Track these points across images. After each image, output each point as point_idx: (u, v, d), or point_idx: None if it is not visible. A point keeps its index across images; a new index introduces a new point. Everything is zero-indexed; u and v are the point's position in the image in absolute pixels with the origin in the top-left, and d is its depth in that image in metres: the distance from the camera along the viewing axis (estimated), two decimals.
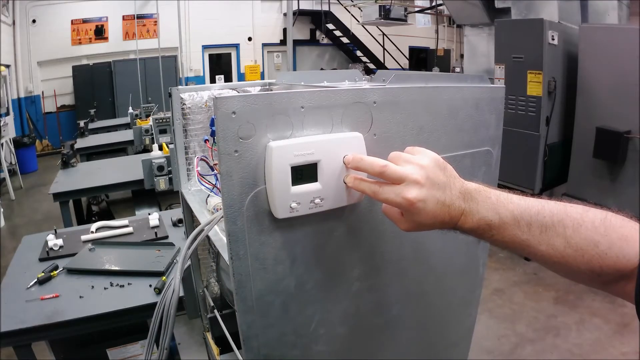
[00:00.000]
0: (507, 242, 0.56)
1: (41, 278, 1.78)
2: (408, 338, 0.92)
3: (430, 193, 0.57)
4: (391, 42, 11.47)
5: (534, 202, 0.57)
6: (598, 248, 0.50)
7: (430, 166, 0.58)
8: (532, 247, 0.54)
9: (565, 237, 0.52)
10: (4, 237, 4.51)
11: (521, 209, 0.56)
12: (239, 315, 0.67)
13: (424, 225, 0.58)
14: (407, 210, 0.58)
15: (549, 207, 0.55)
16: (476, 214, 0.57)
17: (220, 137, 0.58)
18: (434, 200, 0.57)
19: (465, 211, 0.58)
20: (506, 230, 0.55)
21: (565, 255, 0.52)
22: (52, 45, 8.68)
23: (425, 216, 0.57)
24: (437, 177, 0.58)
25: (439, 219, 0.58)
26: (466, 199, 0.58)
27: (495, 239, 0.57)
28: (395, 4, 8.38)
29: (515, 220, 0.55)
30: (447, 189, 0.58)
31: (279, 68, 11.10)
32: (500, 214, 0.56)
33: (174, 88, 1.09)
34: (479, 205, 0.58)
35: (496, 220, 0.56)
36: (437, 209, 0.57)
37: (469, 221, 0.57)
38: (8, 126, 6.54)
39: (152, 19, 9.37)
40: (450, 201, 0.58)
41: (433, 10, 9.74)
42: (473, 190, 0.59)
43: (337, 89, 0.67)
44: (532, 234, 0.54)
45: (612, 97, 3.14)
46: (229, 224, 0.62)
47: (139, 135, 4.53)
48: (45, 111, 9.04)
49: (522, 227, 0.55)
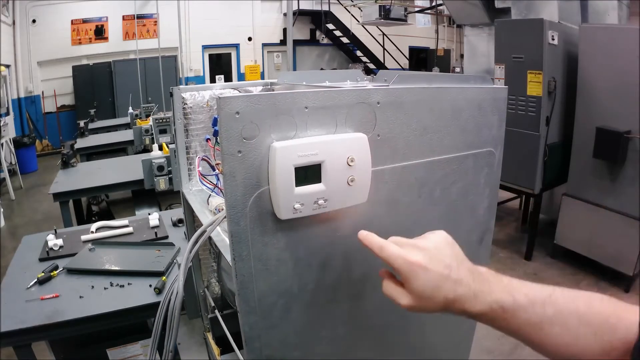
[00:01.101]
0: (520, 326, 0.53)
1: (41, 278, 1.78)
2: (410, 339, 0.92)
3: (434, 262, 0.55)
4: (391, 42, 11.47)
5: (544, 286, 0.55)
6: (608, 322, 0.50)
7: (437, 241, 0.58)
8: (545, 330, 0.52)
9: (579, 315, 0.51)
10: (4, 237, 4.51)
11: (535, 291, 0.54)
12: (241, 316, 0.67)
13: (426, 299, 0.56)
14: (406, 275, 0.56)
15: (559, 289, 0.54)
16: (488, 296, 0.54)
17: (224, 137, 0.58)
18: (437, 270, 0.55)
19: (476, 292, 0.55)
20: (520, 313, 0.53)
21: (578, 335, 0.51)
22: (52, 45, 8.67)
23: (426, 286, 0.55)
24: (443, 251, 0.57)
25: (442, 294, 0.55)
26: (476, 279, 0.56)
27: (508, 323, 0.54)
28: (395, 4, 8.38)
29: (531, 303, 0.53)
30: (454, 263, 0.56)
31: (279, 68, 11.09)
32: (515, 296, 0.54)
33: (176, 87, 1.09)
34: (492, 286, 0.55)
35: (510, 302, 0.53)
36: (441, 281, 0.55)
37: (480, 303, 0.54)
38: (8, 126, 6.53)
39: (152, 19, 9.36)
40: (457, 276, 0.56)
41: (433, 10, 9.75)
42: (484, 271, 0.57)
43: (341, 90, 0.66)
44: (546, 315, 0.52)
45: (612, 97, 3.13)
46: (232, 225, 0.61)
47: (139, 135, 4.52)
48: (45, 111, 9.03)
49: (536, 309, 0.53)
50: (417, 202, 0.79)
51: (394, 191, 0.75)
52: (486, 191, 0.92)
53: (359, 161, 0.65)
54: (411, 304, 0.57)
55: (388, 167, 0.73)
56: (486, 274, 0.57)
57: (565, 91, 3.50)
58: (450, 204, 0.85)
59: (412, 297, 0.57)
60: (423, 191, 0.79)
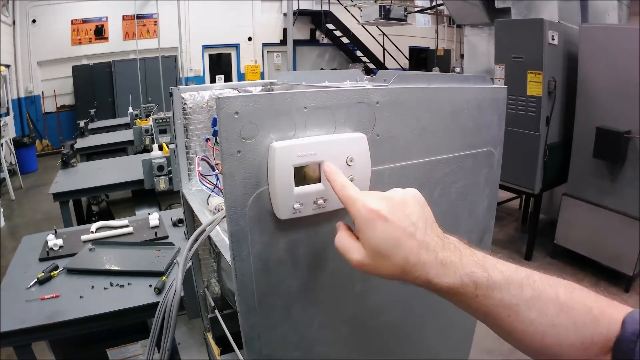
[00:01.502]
0: (492, 307, 0.47)
1: (41, 278, 1.78)
2: (410, 339, 0.92)
3: (397, 215, 0.48)
4: (391, 42, 11.47)
5: (521, 267, 0.49)
6: (591, 313, 0.45)
7: (406, 195, 0.51)
8: (521, 314, 0.46)
9: (559, 302, 0.46)
10: (4, 237, 4.51)
11: (511, 270, 0.48)
12: (241, 316, 0.67)
13: (382, 257, 0.48)
14: (362, 224, 0.49)
15: (537, 273, 0.48)
16: (460, 268, 0.47)
17: (223, 137, 0.58)
18: (400, 224, 0.48)
19: (445, 261, 0.47)
20: (494, 292, 0.46)
21: (556, 323, 0.45)
22: (52, 45, 8.68)
23: (384, 240, 0.48)
24: (411, 207, 0.50)
25: (402, 254, 0.47)
26: (446, 248, 0.49)
27: (478, 302, 0.47)
28: (395, 4, 8.38)
29: (506, 282, 0.47)
30: (422, 224, 0.49)
31: (279, 68, 11.09)
32: (490, 272, 0.47)
33: (175, 87, 1.09)
34: (464, 258, 0.48)
35: (484, 278, 0.47)
36: (403, 238, 0.47)
37: (450, 275, 0.47)
38: (8, 126, 6.54)
39: (152, 19, 9.36)
40: (423, 238, 0.48)
41: (433, 10, 9.75)
42: (456, 240, 0.50)
43: (340, 89, 0.67)
44: (523, 297, 0.46)
45: (612, 97, 3.13)
46: (231, 225, 0.61)
47: (139, 135, 4.53)
48: (45, 111, 9.03)
49: (513, 289, 0.46)
50: None
51: None
52: (486, 191, 0.92)
53: (359, 161, 0.65)
54: (363, 260, 0.49)
55: (387, 167, 0.73)
56: (458, 244, 0.49)
57: (565, 91, 3.50)
58: (450, 204, 0.85)
59: (366, 253, 0.49)
60: (423, 191, 0.79)
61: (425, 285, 0.49)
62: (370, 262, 0.49)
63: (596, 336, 0.44)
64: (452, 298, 0.49)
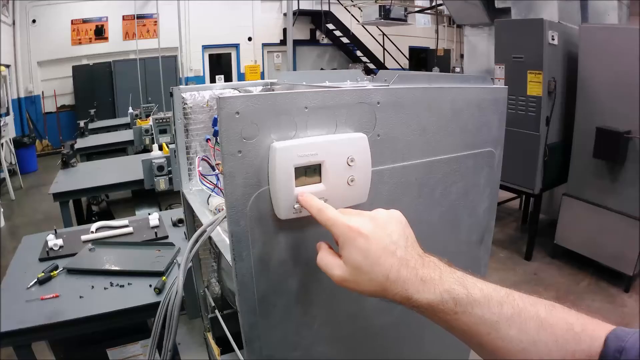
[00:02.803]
0: (472, 325, 0.47)
1: (41, 278, 1.78)
2: (410, 339, 0.92)
3: (378, 234, 0.50)
4: (391, 42, 11.47)
5: (500, 287, 0.49)
6: (573, 330, 0.45)
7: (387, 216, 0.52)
8: (501, 331, 0.46)
9: (539, 319, 0.46)
10: (4, 237, 4.51)
11: (490, 288, 0.48)
12: (241, 316, 0.67)
13: (363, 273, 0.49)
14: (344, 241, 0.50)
15: (517, 292, 0.48)
16: (439, 285, 0.48)
17: (224, 137, 0.58)
18: (380, 242, 0.49)
19: (425, 278, 0.48)
20: (474, 309, 0.46)
21: (537, 340, 0.45)
22: (52, 45, 8.67)
23: (365, 257, 0.49)
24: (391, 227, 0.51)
25: (382, 271, 0.48)
26: (426, 265, 0.49)
27: (458, 319, 0.47)
28: (395, 4, 8.38)
29: (486, 299, 0.47)
30: (402, 242, 0.50)
31: (279, 68, 11.09)
32: (469, 290, 0.47)
33: (176, 87, 1.09)
34: (444, 275, 0.49)
35: (464, 295, 0.47)
36: (384, 255, 0.49)
37: (430, 291, 0.48)
38: (8, 126, 6.54)
39: (152, 19, 9.36)
40: (403, 255, 0.49)
41: (433, 10, 9.75)
42: (436, 259, 0.51)
43: (340, 89, 0.67)
44: (503, 315, 0.46)
45: (612, 97, 3.13)
46: (232, 225, 0.61)
47: (139, 135, 4.52)
48: (45, 111, 9.03)
49: (492, 307, 0.46)
50: (417, 202, 0.79)
51: (394, 191, 0.75)
52: (486, 191, 0.92)
53: (359, 161, 0.65)
54: (344, 276, 0.50)
55: (388, 167, 0.73)
56: (438, 263, 0.50)
57: (565, 91, 3.50)
58: (450, 204, 0.85)
59: (347, 269, 0.50)
60: (423, 191, 0.80)
61: (405, 302, 0.49)
62: (351, 279, 0.50)
63: (578, 352, 0.44)
64: (432, 316, 0.49)
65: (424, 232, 0.60)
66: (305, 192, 0.59)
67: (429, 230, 0.82)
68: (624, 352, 0.41)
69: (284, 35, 10.38)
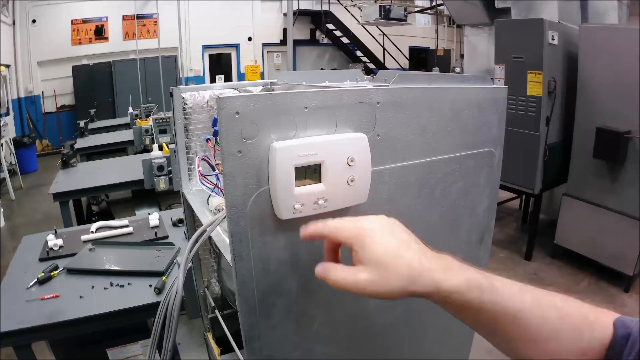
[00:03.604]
0: (497, 314, 0.46)
1: (41, 278, 1.78)
2: (410, 339, 0.92)
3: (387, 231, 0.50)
4: (391, 42, 11.47)
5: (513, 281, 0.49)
6: (588, 319, 0.46)
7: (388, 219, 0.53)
8: (524, 320, 0.46)
9: (557, 308, 0.46)
10: (4, 237, 4.51)
11: (506, 280, 0.48)
12: (241, 316, 0.67)
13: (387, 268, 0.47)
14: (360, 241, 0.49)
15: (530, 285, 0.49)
16: (462, 273, 0.47)
17: (224, 137, 0.58)
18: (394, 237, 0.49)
19: (447, 266, 0.48)
20: (498, 297, 0.46)
21: (559, 329, 0.46)
22: (52, 45, 8.67)
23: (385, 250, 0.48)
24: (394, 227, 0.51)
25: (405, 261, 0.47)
26: (442, 256, 0.49)
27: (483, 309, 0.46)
28: (395, 4, 8.38)
29: (507, 287, 0.47)
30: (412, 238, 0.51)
31: (279, 68, 11.09)
32: (489, 278, 0.47)
33: (176, 87, 1.09)
34: (462, 264, 0.49)
35: (486, 283, 0.47)
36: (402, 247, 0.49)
37: (455, 278, 0.47)
38: (8, 126, 6.54)
39: (152, 19, 9.36)
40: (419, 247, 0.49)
41: (433, 10, 9.75)
42: (448, 255, 0.50)
43: (340, 89, 0.66)
44: (525, 303, 0.46)
45: (612, 97, 3.14)
46: (231, 225, 0.61)
47: (139, 135, 4.52)
48: (45, 111, 9.03)
49: (514, 295, 0.47)
50: (417, 202, 0.79)
51: (394, 191, 0.75)
52: (486, 191, 0.92)
53: (359, 161, 0.65)
54: (371, 277, 0.47)
55: (388, 167, 0.73)
56: (450, 257, 0.50)
57: (565, 91, 3.50)
58: (450, 204, 0.85)
59: (371, 268, 0.48)
60: (423, 191, 0.79)
61: (434, 293, 0.47)
62: (378, 278, 0.48)
63: (593, 341, 0.45)
64: (459, 308, 0.48)
65: (424, 232, 0.60)
66: (303, 226, 0.56)
67: (429, 230, 0.82)
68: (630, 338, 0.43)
69: (284, 35, 10.38)
